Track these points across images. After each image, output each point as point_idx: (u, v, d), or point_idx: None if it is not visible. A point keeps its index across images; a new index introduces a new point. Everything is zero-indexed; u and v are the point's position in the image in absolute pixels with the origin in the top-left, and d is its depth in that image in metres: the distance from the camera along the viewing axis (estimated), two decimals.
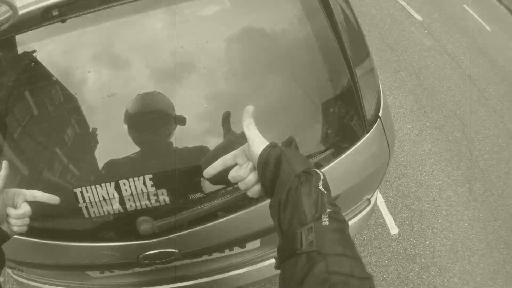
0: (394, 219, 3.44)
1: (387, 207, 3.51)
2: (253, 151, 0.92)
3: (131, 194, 1.28)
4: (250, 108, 0.96)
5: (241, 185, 0.97)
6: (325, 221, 0.78)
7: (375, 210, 3.26)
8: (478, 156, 4.30)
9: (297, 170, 0.86)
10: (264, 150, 0.90)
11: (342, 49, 1.39)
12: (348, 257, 0.74)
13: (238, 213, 1.40)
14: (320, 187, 0.84)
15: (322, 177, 0.87)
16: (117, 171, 1.29)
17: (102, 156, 1.29)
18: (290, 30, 1.36)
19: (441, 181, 3.90)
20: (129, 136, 1.27)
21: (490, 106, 5.11)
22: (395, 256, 3.20)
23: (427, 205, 3.64)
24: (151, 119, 1.30)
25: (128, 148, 1.28)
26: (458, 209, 3.68)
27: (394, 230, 3.36)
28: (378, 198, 3.47)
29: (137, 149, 1.29)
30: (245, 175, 0.95)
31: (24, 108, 1.27)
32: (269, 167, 0.89)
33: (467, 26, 6.86)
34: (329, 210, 0.80)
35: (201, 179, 1.32)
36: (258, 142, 0.92)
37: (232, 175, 0.97)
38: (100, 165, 1.29)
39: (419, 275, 3.13)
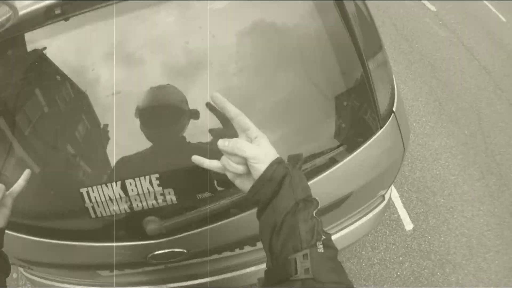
0: (409, 214, 3.40)
1: (402, 202, 3.46)
2: (257, 167, 0.90)
3: (138, 194, 1.26)
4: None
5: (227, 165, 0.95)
6: (320, 248, 0.79)
7: (389, 205, 3.23)
8: (494, 150, 4.22)
9: (298, 196, 0.86)
10: (271, 166, 0.88)
11: (355, 42, 1.35)
12: (343, 285, 0.76)
13: (247, 213, 1.38)
14: (314, 214, 0.85)
15: (318, 205, 0.88)
16: (123, 170, 1.27)
17: (108, 155, 1.27)
18: (301, 24, 1.32)
19: (456, 175, 3.84)
20: (141, 131, 1.24)
21: (506, 98, 5.00)
22: (410, 253, 3.16)
23: (442, 200, 3.58)
24: (163, 112, 1.27)
25: (134, 147, 1.26)
26: (473, 205, 3.62)
27: (409, 225, 3.32)
28: (393, 193, 3.44)
29: (145, 147, 1.26)
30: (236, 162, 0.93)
31: (26, 108, 1.25)
32: (271, 185, 0.87)
33: (482, 16, 6.74)
34: (323, 237, 0.81)
35: (210, 177, 1.30)
36: (263, 156, 0.90)
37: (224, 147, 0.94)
38: (106, 164, 1.27)
39: (434, 272, 3.08)
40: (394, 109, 1.53)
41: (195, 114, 1.25)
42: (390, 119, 1.50)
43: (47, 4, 1.10)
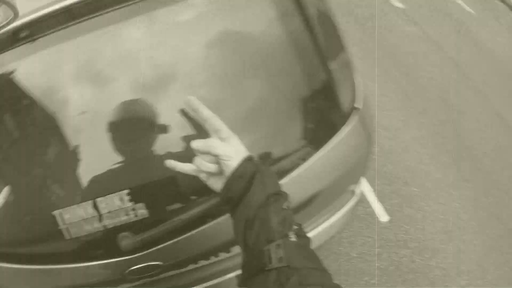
0: (384, 206, 3.45)
1: (376, 196, 3.50)
2: (229, 164, 0.91)
3: (110, 212, 1.28)
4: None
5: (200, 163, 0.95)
6: (293, 237, 0.81)
7: (362, 200, 3.28)
8: (464, 136, 4.34)
9: (269, 191, 0.88)
10: (242, 163, 0.90)
11: (316, 44, 1.41)
12: (318, 270, 0.78)
13: (218, 220, 1.40)
14: (285, 206, 0.87)
15: (287, 198, 0.91)
16: (94, 189, 1.28)
17: (78, 176, 1.28)
18: (264, 30, 1.36)
19: (428, 164, 3.92)
20: (111, 148, 1.26)
21: (474, 87, 5.14)
22: (387, 244, 3.20)
23: (415, 189, 3.65)
24: (132, 127, 1.30)
25: (104, 165, 1.28)
26: (447, 190, 3.71)
27: (384, 217, 3.37)
28: (366, 187, 3.48)
29: (115, 164, 1.28)
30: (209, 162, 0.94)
31: None
32: (243, 181, 0.89)
33: (451, 11, 6.90)
34: (295, 227, 0.84)
35: (179, 188, 1.33)
36: (235, 154, 0.92)
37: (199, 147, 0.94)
38: (77, 185, 1.28)
39: (413, 259, 3.14)
40: (356, 105, 1.59)
41: (163, 129, 1.27)
42: (353, 115, 1.56)
43: (14, 27, 1.11)
